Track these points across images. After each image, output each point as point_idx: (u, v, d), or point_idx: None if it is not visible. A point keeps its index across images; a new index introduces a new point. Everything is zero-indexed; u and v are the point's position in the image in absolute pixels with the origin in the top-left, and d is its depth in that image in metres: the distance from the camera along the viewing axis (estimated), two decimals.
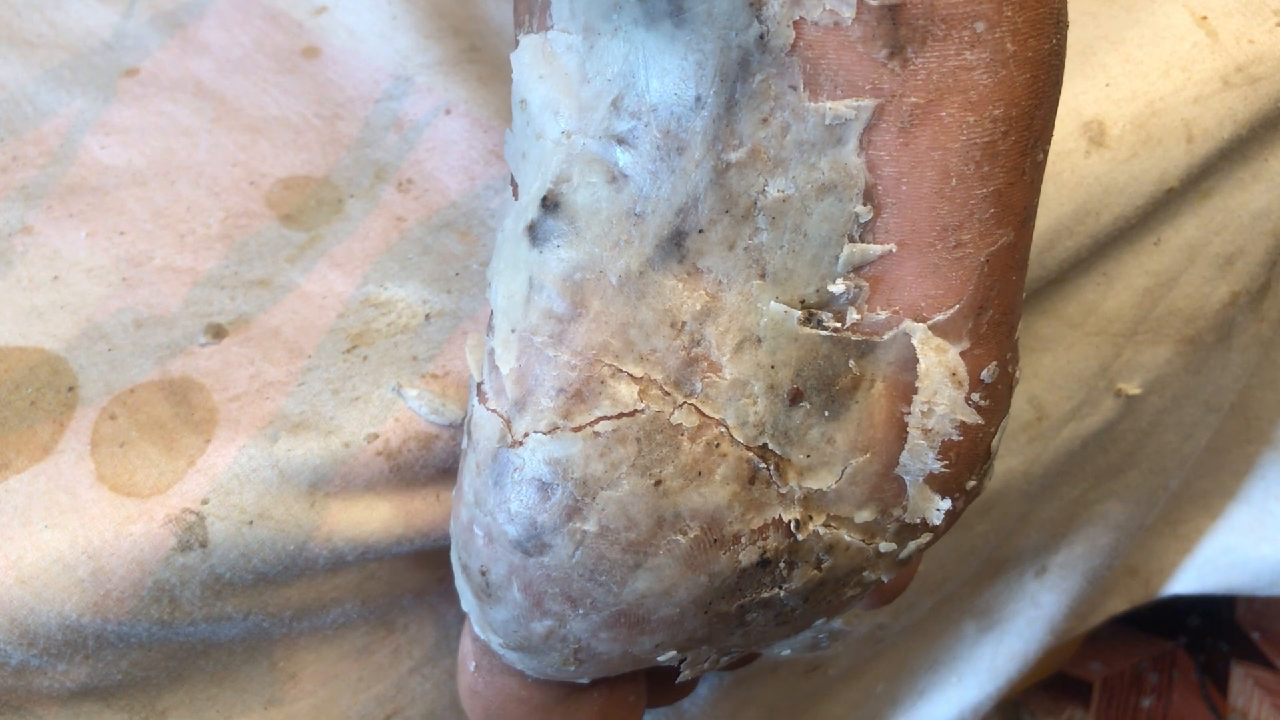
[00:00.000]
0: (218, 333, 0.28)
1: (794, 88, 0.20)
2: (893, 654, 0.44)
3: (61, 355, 0.27)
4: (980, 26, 0.19)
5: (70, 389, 0.26)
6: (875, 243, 0.20)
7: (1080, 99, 0.33)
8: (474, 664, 0.25)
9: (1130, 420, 0.40)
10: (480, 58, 0.36)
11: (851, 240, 0.20)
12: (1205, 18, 0.35)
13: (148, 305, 0.28)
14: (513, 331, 0.22)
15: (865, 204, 0.20)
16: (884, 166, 0.20)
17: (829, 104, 0.20)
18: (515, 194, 0.23)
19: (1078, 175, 0.33)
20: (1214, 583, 0.50)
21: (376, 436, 0.26)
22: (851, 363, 0.21)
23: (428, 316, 0.29)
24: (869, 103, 0.19)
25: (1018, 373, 0.23)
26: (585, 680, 0.24)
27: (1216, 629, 0.74)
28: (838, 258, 0.21)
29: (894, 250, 0.20)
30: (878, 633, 0.40)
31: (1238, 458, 0.47)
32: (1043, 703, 0.72)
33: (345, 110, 0.35)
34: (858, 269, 0.21)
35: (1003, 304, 0.22)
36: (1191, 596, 0.51)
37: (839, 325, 0.21)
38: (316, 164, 0.33)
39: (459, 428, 0.27)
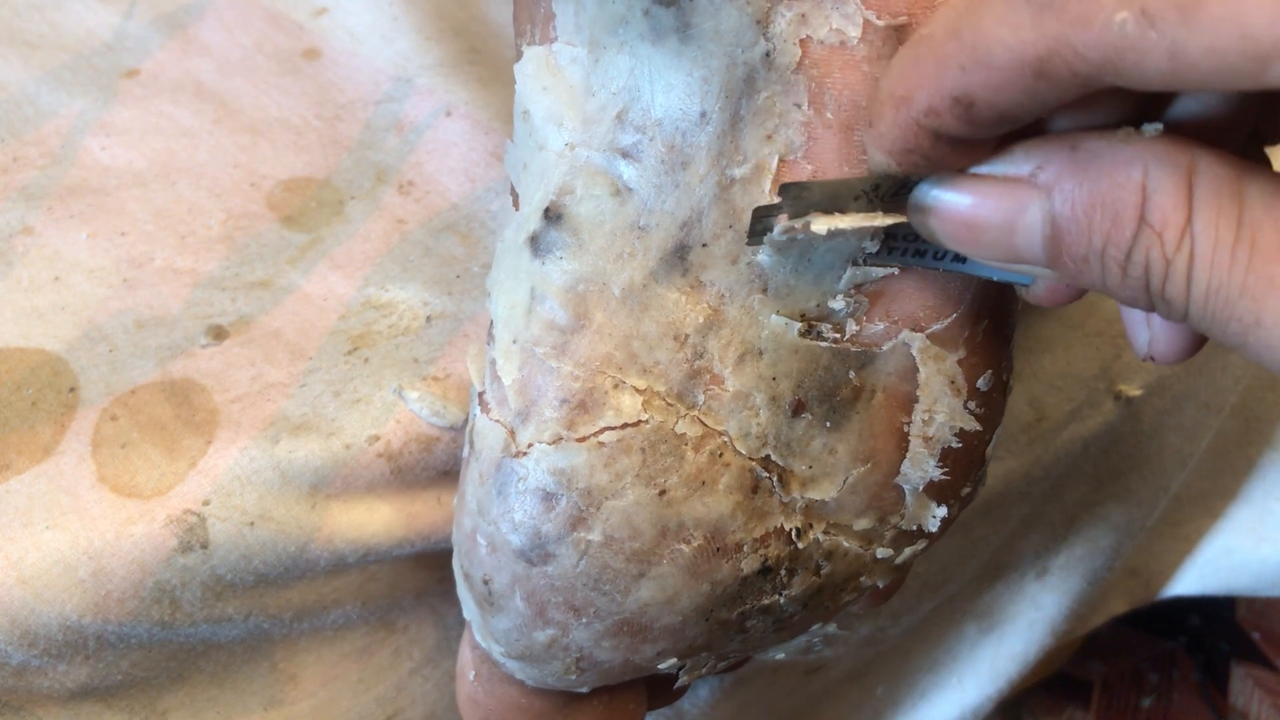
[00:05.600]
0: (219, 334, 0.28)
1: (799, 105, 0.20)
2: (893, 656, 0.44)
3: (62, 356, 0.27)
4: None
5: (71, 390, 0.26)
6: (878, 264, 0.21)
7: None
8: (474, 673, 0.25)
9: (1131, 422, 0.40)
10: (481, 59, 0.36)
11: (855, 264, 0.20)
12: None
13: (149, 306, 0.28)
14: (514, 342, 0.22)
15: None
16: None
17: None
18: (515, 204, 0.23)
19: None
20: (1214, 583, 0.50)
21: (378, 438, 0.26)
22: (852, 374, 0.21)
23: (429, 319, 0.29)
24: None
25: (1011, 380, 0.23)
26: (585, 689, 0.24)
27: (1216, 629, 0.74)
28: (840, 277, 0.21)
29: (896, 271, 0.21)
30: (878, 635, 0.40)
31: (1238, 459, 0.47)
32: (1043, 703, 0.72)
33: (346, 112, 0.35)
34: (859, 286, 0.21)
35: (997, 313, 0.22)
36: (1192, 597, 0.51)
37: (839, 336, 0.21)
38: (317, 166, 0.33)
39: (460, 430, 0.27)
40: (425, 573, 0.29)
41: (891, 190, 0.18)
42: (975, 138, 0.17)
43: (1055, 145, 0.16)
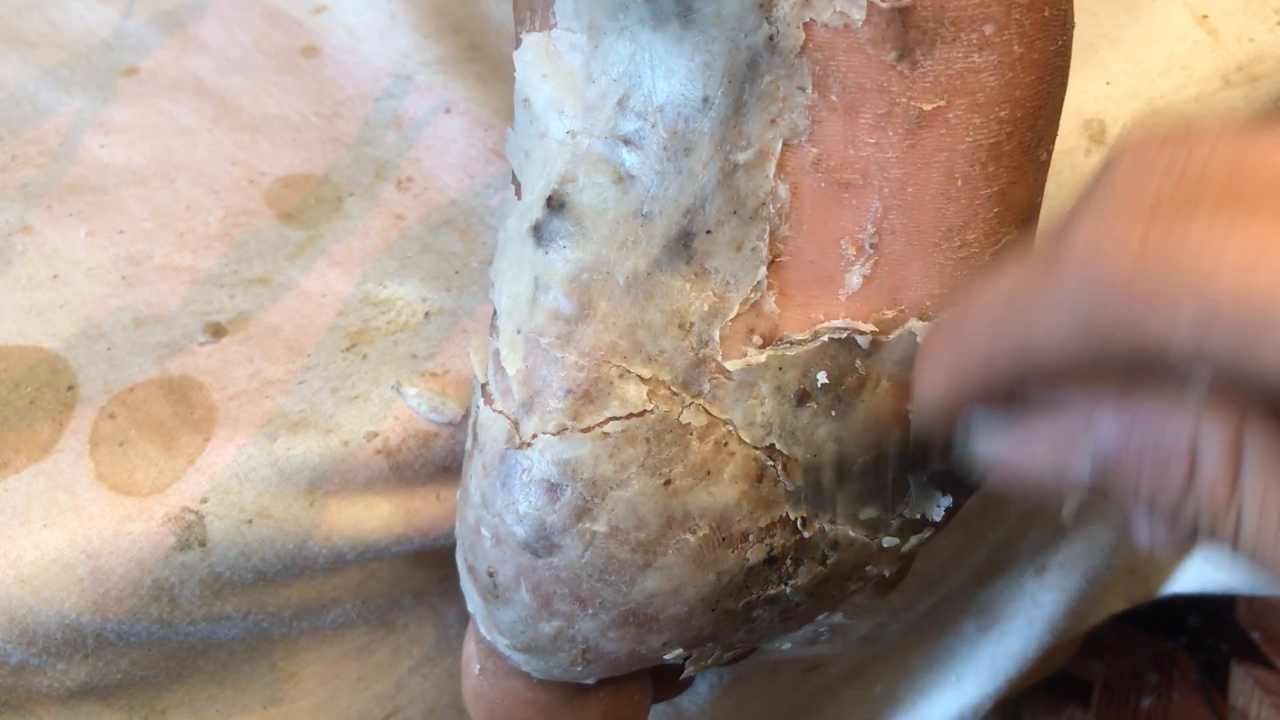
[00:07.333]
0: (217, 331, 0.28)
1: (803, 89, 0.20)
2: (893, 653, 0.44)
3: (61, 354, 0.27)
4: (989, 29, 0.19)
5: (70, 388, 0.26)
6: (882, 242, 0.21)
7: (1081, 97, 0.33)
8: (479, 667, 0.25)
9: None
10: (480, 56, 0.36)
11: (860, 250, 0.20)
12: (1206, 16, 0.35)
13: (147, 304, 0.28)
14: (518, 332, 0.22)
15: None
16: (891, 169, 0.20)
17: None
18: (518, 193, 0.23)
19: (1078, 173, 0.33)
20: (1213, 582, 0.49)
21: (376, 435, 0.26)
22: (858, 362, 0.21)
23: (427, 314, 0.29)
24: None
25: None
26: (591, 680, 0.24)
27: (1216, 629, 0.74)
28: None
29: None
30: (878, 632, 0.40)
31: None
32: (1043, 703, 0.71)
33: (345, 109, 0.35)
34: None
35: None
36: (1191, 596, 0.51)
37: (845, 328, 0.21)
38: (316, 162, 0.33)
39: (458, 426, 0.27)
40: (425, 571, 0.29)
41: (940, 443, 0.19)
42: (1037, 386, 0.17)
43: (1104, 397, 0.17)
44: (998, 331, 0.16)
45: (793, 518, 0.21)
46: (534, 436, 0.21)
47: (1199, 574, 0.49)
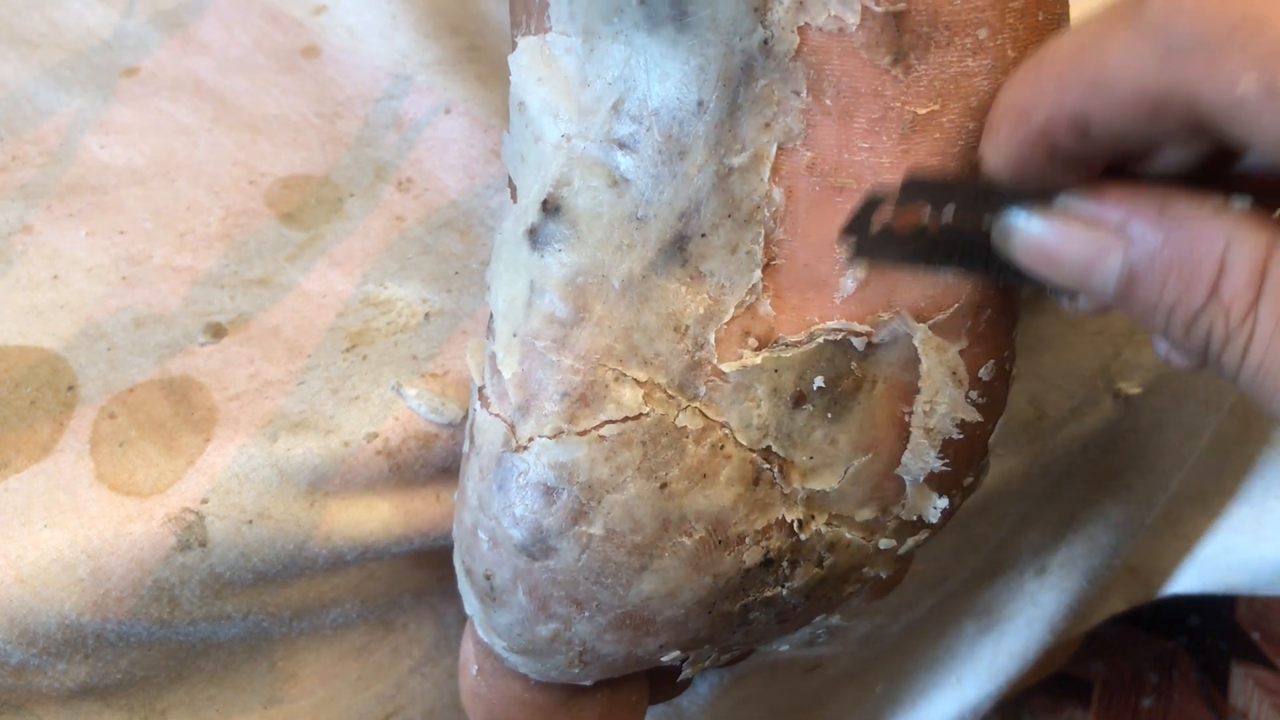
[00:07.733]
0: (217, 332, 0.28)
1: (797, 93, 0.20)
2: (892, 654, 0.44)
3: (61, 354, 0.27)
4: (983, 33, 0.19)
5: (70, 388, 0.26)
6: None
7: None
8: (476, 668, 0.25)
9: (1130, 420, 0.40)
10: (479, 56, 0.36)
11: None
12: None
13: (147, 304, 0.28)
14: (514, 335, 0.22)
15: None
16: (885, 173, 0.20)
17: None
18: (513, 196, 0.23)
19: None
20: (1214, 582, 0.49)
21: (376, 435, 0.26)
22: (854, 364, 0.21)
23: (427, 315, 0.29)
24: None
25: (1014, 370, 0.23)
26: (588, 682, 0.24)
27: (1216, 629, 0.74)
28: None
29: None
30: (877, 632, 0.40)
31: (1237, 457, 0.47)
32: (1043, 703, 0.71)
33: (345, 109, 0.35)
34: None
35: (1000, 303, 0.22)
36: (1191, 596, 0.51)
37: (840, 329, 0.21)
38: (316, 163, 0.33)
39: (458, 427, 0.27)
40: (424, 571, 0.29)
41: (998, 198, 0.19)
42: (1088, 156, 0.17)
43: (1146, 201, 0.17)
44: (1070, 70, 0.16)
45: (789, 520, 0.21)
46: (530, 440, 0.21)
47: (1199, 574, 0.49)
